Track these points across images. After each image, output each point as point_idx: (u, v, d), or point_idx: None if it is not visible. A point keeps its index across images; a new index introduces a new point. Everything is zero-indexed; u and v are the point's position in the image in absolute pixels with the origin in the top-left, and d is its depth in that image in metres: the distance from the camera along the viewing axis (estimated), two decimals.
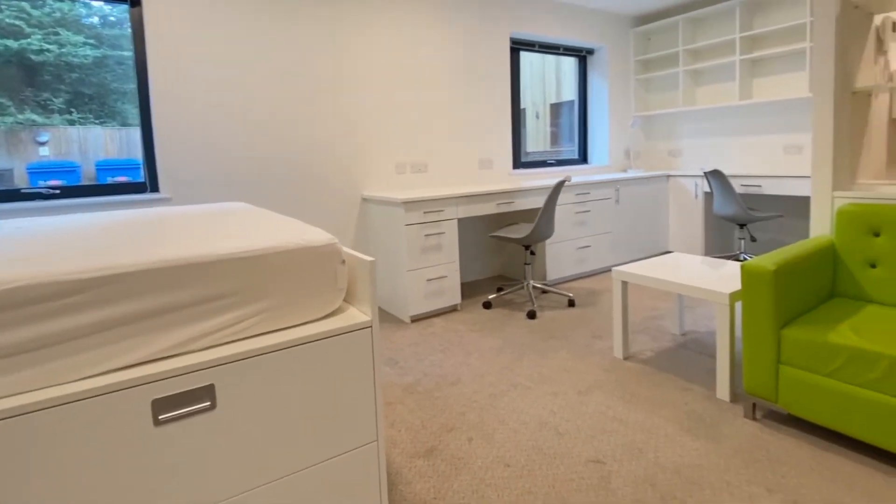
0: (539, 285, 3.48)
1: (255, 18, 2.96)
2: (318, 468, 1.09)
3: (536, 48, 4.53)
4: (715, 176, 3.77)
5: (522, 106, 4.65)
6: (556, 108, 6.52)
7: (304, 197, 3.23)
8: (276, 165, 3.11)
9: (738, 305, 2.99)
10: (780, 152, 4.13)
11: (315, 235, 1.15)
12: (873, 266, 1.91)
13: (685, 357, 2.44)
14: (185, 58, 2.76)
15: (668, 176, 4.52)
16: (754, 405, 1.86)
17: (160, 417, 0.88)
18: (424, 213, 3.05)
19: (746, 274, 1.74)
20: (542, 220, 3.07)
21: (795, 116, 4.03)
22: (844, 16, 2.01)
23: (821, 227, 2.11)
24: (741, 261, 3.97)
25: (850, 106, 2.05)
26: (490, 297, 3.47)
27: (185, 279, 0.94)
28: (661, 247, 4.58)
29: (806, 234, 4.08)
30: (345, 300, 1.27)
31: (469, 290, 3.82)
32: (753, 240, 4.14)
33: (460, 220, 3.98)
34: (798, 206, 4.14)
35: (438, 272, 3.13)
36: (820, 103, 2.07)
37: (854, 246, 1.93)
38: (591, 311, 3.21)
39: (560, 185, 3.02)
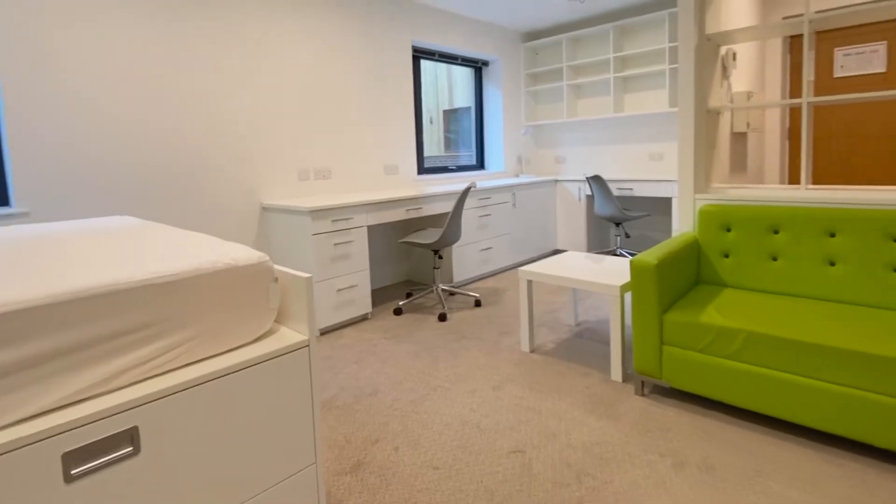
0: (447, 288, 3.59)
1: (136, 12, 2.63)
2: (257, 500, 1.02)
3: (436, 57, 4.65)
4: (595, 181, 4.21)
5: None
6: (448, 115, 6.72)
7: (194, 207, 2.95)
8: (160, 174, 2.80)
9: (627, 296, 3.38)
10: (646, 159, 4.75)
11: (243, 253, 1.07)
12: (727, 256, 2.30)
13: (581, 345, 2.71)
14: (45, 50, 2.36)
15: (556, 181, 4.94)
16: (643, 382, 2.13)
17: (73, 472, 0.76)
18: (333, 221, 2.97)
19: (634, 268, 1.99)
20: (451, 224, 3.18)
21: (657, 128, 4.66)
22: (700, 46, 2.40)
23: (686, 224, 2.49)
24: (618, 255, 4.48)
25: (706, 122, 2.45)
26: (400, 303, 3.49)
27: (94, 312, 0.82)
28: (551, 245, 4.98)
29: (668, 230, 4.74)
30: (276, 319, 1.21)
31: (378, 297, 3.80)
32: (627, 236, 4.71)
33: (370, 227, 3.95)
34: (661, 206, 4.79)
35: (348, 281, 3.07)
36: (683, 119, 2.44)
37: (712, 240, 2.31)
38: (497, 309, 3.39)
39: (467, 190, 3.15)
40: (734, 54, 3.32)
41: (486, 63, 5.18)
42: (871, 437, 1.58)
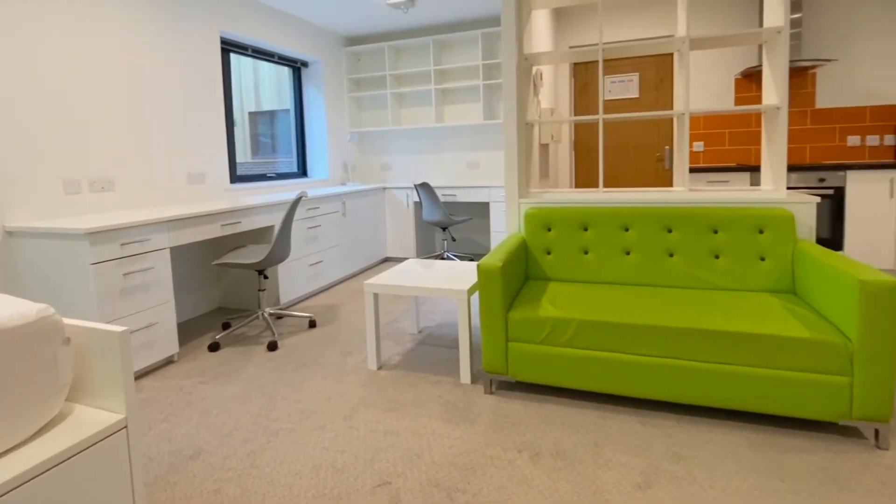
0: (275, 311, 3.19)
1: None
2: None
3: (250, 52, 4.14)
4: (423, 188, 4.29)
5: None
6: (256, 118, 6.15)
7: None
8: None
9: (472, 299, 3.49)
10: (465, 167, 5.05)
11: (11, 308, 0.68)
12: (549, 253, 2.53)
13: (427, 353, 2.68)
14: None
15: (384, 188, 4.90)
16: (490, 381, 2.18)
17: None
18: (123, 245, 2.34)
19: (482, 271, 2.03)
20: (281, 239, 2.82)
21: (474, 138, 5.00)
22: (520, 65, 2.60)
23: (513, 226, 2.66)
24: (446, 259, 4.65)
25: (525, 134, 2.67)
26: (217, 336, 2.97)
27: None
28: (381, 253, 4.92)
29: (487, 231, 5.12)
30: (68, 397, 0.81)
31: (186, 332, 3.17)
32: (454, 240, 4.93)
33: (173, 249, 3.27)
34: (481, 210, 5.15)
35: (146, 319, 2.46)
36: (508, 131, 2.61)
37: (537, 239, 2.52)
38: (334, 327, 3.15)
39: (298, 200, 2.83)
40: (541, 74, 3.75)
41: (305, 64, 4.85)
42: (672, 396, 1.89)
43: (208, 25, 3.57)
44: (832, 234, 3.72)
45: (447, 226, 4.49)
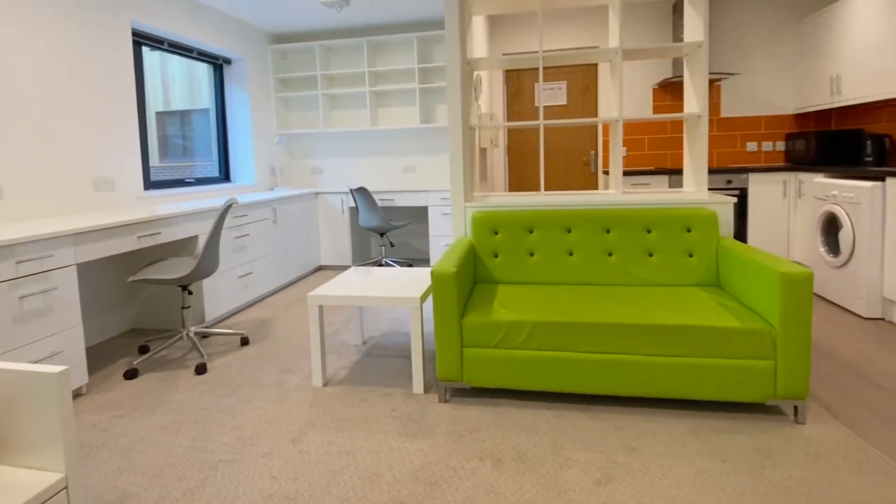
0: (200, 330, 2.92)
1: None
2: None
3: (165, 46, 3.76)
4: (361, 192, 4.16)
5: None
6: (165, 118, 5.67)
7: None
8: None
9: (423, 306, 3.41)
10: (401, 171, 4.98)
11: None
12: (496, 256, 2.54)
13: (375, 364, 2.58)
14: None
15: (317, 193, 4.69)
16: (445, 389, 2.14)
17: None
18: (18, 263, 2.00)
19: (436, 278, 1.98)
20: (209, 251, 2.58)
21: (410, 142, 4.94)
22: (464, 69, 2.59)
23: (459, 230, 2.65)
24: (384, 265, 4.55)
25: (469, 138, 2.66)
26: (135, 362, 2.66)
27: None
28: (315, 262, 4.71)
29: (426, 237, 5.08)
30: None
31: (95, 359, 2.81)
32: (392, 245, 4.83)
33: (80, 266, 2.87)
34: (418, 214, 5.10)
35: (49, 348, 2.13)
36: (453, 135, 2.59)
37: (484, 243, 2.52)
38: (270, 343, 2.95)
39: (228, 208, 2.60)
40: (480, 79, 3.78)
41: (228, 61, 4.52)
42: (620, 389, 1.96)
43: (117, 14, 3.20)
44: (737, 230, 4.12)
45: (385, 231, 4.39)
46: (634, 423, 1.93)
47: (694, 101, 2.55)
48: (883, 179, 2.91)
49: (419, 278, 2.51)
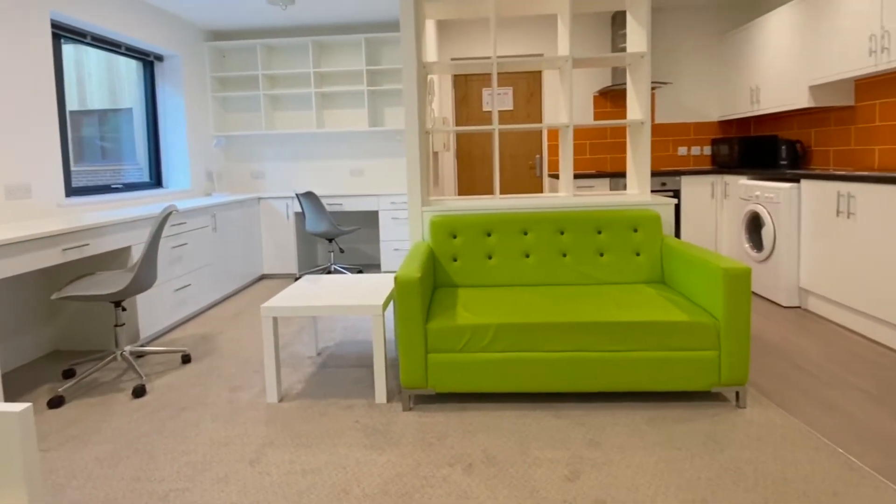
0: (136, 349, 2.69)
1: None
2: None
3: (89, 40, 3.43)
4: (308, 197, 4.02)
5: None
6: (81, 118, 5.21)
7: None
8: None
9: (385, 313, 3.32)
10: (348, 175, 4.87)
11: None
12: (455, 260, 2.54)
13: (331, 376, 2.49)
14: None
15: (260, 199, 4.48)
16: (409, 397, 2.10)
17: None
18: None
19: (400, 284, 1.94)
20: (146, 263, 2.37)
21: (358, 145, 4.83)
22: (420, 72, 2.56)
23: (417, 234, 2.62)
24: (333, 272, 4.43)
25: (425, 142, 2.64)
26: (59, 388, 2.40)
27: None
28: (257, 271, 4.50)
29: (376, 242, 5.00)
30: None
31: (10, 388, 2.50)
32: (342, 251, 4.71)
33: None
34: (367, 219, 5.00)
35: None
36: (410, 139, 2.55)
37: (443, 247, 2.51)
38: (215, 360, 2.77)
39: (167, 216, 2.41)
40: (433, 83, 3.76)
41: (159, 58, 4.20)
42: (580, 386, 2.02)
43: (36, 2, 2.88)
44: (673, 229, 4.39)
45: (335, 237, 4.27)
46: (595, 419, 2.00)
47: (637, 108, 2.69)
48: (798, 181, 3.21)
49: (376, 285, 2.45)
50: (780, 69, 3.82)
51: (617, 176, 4.38)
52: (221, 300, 3.95)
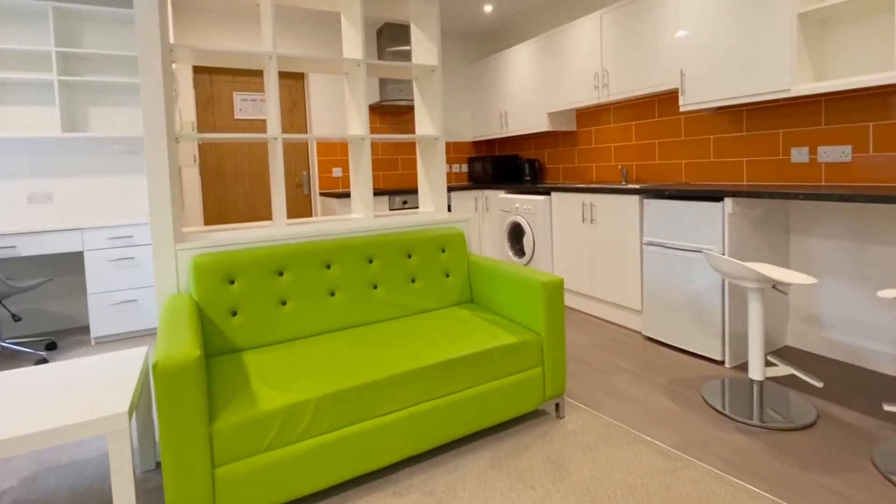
0: None
1: None
2: None
3: None
4: None
5: None
6: None
7: None
8: None
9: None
10: (25, 202, 3.31)
11: None
12: (235, 314, 1.84)
13: None
14: None
15: None
16: None
17: None
18: None
19: (164, 373, 1.19)
20: None
21: (43, 158, 3.32)
22: (165, 57, 1.74)
23: (168, 284, 1.80)
24: (4, 350, 2.94)
25: (175, 154, 1.82)
26: None
27: None
28: None
29: (81, 295, 3.56)
30: None
31: None
32: (17, 319, 3.14)
33: None
34: (64, 264, 3.51)
35: None
36: (155, 150, 1.71)
37: (215, 298, 1.78)
38: None
39: None
40: (175, 77, 2.77)
41: None
42: (421, 445, 1.69)
43: None
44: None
45: (3, 297, 2.81)
46: (441, 482, 1.69)
47: (429, 123, 2.53)
48: (549, 194, 3.66)
49: (102, 374, 1.56)
50: (525, 96, 4.36)
51: (395, 193, 4.25)
52: None
